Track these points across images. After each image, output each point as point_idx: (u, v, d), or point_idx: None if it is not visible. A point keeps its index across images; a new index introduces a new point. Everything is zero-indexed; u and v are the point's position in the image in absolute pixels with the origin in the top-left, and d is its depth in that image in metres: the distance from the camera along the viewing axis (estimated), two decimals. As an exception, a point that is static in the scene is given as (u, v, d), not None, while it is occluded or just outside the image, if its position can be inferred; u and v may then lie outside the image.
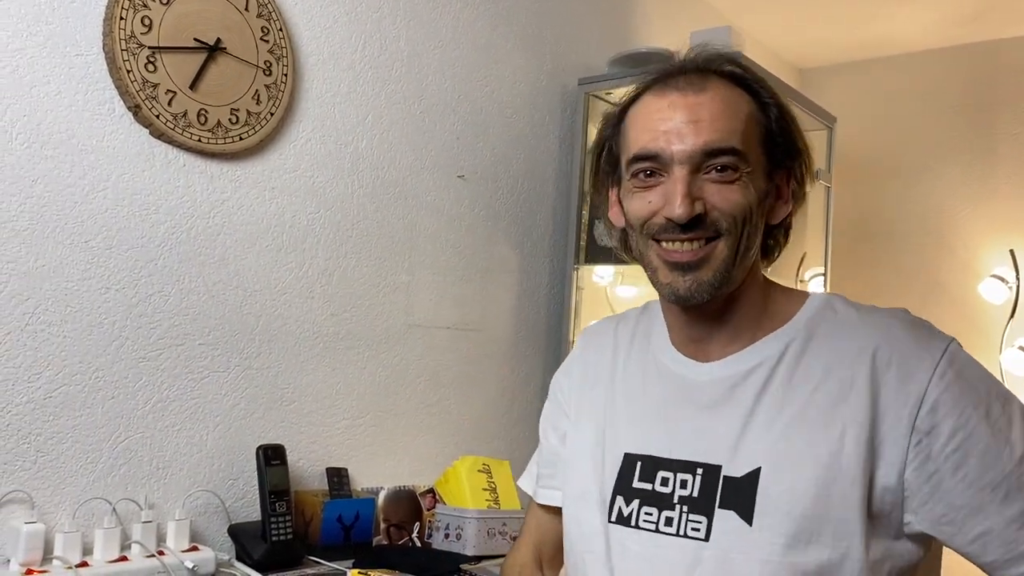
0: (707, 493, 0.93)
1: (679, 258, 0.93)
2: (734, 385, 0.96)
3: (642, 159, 0.94)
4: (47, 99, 1.47)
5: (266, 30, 1.75)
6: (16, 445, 1.43)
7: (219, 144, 1.68)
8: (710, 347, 1.00)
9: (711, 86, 0.94)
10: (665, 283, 0.96)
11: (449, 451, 2.13)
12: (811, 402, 0.92)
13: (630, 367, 1.07)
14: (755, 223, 0.95)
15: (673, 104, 0.93)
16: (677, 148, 0.92)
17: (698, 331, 1.00)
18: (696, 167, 0.92)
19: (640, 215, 0.96)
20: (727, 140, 0.91)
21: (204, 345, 1.68)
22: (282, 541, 1.62)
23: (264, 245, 1.78)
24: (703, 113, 0.92)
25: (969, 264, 3.20)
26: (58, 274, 1.48)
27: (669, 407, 1.00)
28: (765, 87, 0.97)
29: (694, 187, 0.92)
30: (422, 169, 2.09)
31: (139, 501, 1.56)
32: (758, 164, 0.94)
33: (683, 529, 0.94)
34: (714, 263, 0.93)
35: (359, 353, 1.96)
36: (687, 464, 0.96)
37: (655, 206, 0.94)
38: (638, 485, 0.99)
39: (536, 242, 2.41)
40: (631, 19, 2.74)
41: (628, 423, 1.03)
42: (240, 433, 1.73)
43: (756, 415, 0.93)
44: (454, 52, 2.17)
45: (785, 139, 0.97)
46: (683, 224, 0.91)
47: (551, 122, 2.45)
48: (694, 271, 0.93)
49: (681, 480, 0.95)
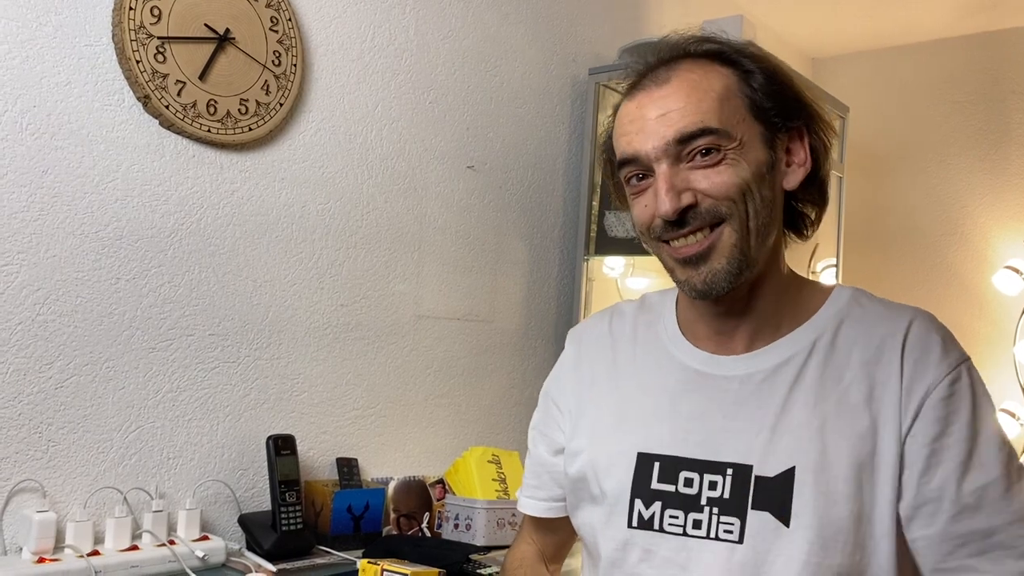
0: (739, 494, 0.89)
1: (686, 253, 0.91)
2: (762, 380, 0.93)
3: (625, 164, 0.94)
4: (57, 90, 1.47)
5: (275, 20, 1.74)
6: (28, 435, 1.44)
7: (228, 135, 1.68)
8: (733, 341, 0.96)
9: (676, 74, 0.92)
10: (682, 280, 0.93)
11: (459, 442, 2.13)
12: (844, 399, 0.89)
13: (636, 363, 1.03)
14: (760, 198, 0.90)
15: (640, 104, 0.93)
16: (650, 145, 0.90)
17: (723, 324, 0.96)
18: (675, 158, 0.90)
19: (641, 220, 0.94)
20: (699, 122, 0.89)
21: (214, 336, 1.68)
22: (292, 531, 1.62)
23: (274, 236, 1.78)
24: (669, 103, 0.90)
25: (983, 255, 3.17)
26: (68, 265, 1.49)
27: (685, 404, 0.96)
28: (748, 55, 0.94)
29: (677, 179, 0.90)
30: (431, 160, 2.09)
31: (150, 491, 1.57)
32: (751, 136, 0.91)
33: (714, 531, 0.90)
34: (723, 250, 0.90)
35: (369, 344, 1.96)
36: (714, 464, 0.91)
37: (651, 208, 0.92)
38: (658, 487, 0.94)
39: (546, 233, 2.41)
40: (642, 8, 2.72)
41: (638, 421, 0.98)
42: (250, 423, 1.74)
43: (787, 412, 0.90)
44: (464, 42, 2.16)
45: (779, 101, 0.93)
46: (675, 219, 0.89)
47: (561, 112, 2.44)
48: (705, 262, 0.90)
49: (710, 481, 0.91)
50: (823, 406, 0.89)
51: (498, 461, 1.91)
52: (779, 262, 0.97)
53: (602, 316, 1.12)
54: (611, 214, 2.36)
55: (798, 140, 0.95)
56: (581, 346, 1.10)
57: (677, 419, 0.95)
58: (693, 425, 0.94)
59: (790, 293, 0.97)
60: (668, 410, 0.96)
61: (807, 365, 0.92)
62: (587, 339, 1.10)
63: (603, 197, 2.39)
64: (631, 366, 1.03)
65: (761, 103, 0.92)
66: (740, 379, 0.94)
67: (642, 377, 1.01)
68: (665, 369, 0.99)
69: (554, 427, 1.09)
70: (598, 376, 1.05)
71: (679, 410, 0.96)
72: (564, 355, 1.13)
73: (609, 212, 2.36)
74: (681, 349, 1.00)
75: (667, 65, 0.94)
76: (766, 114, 0.92)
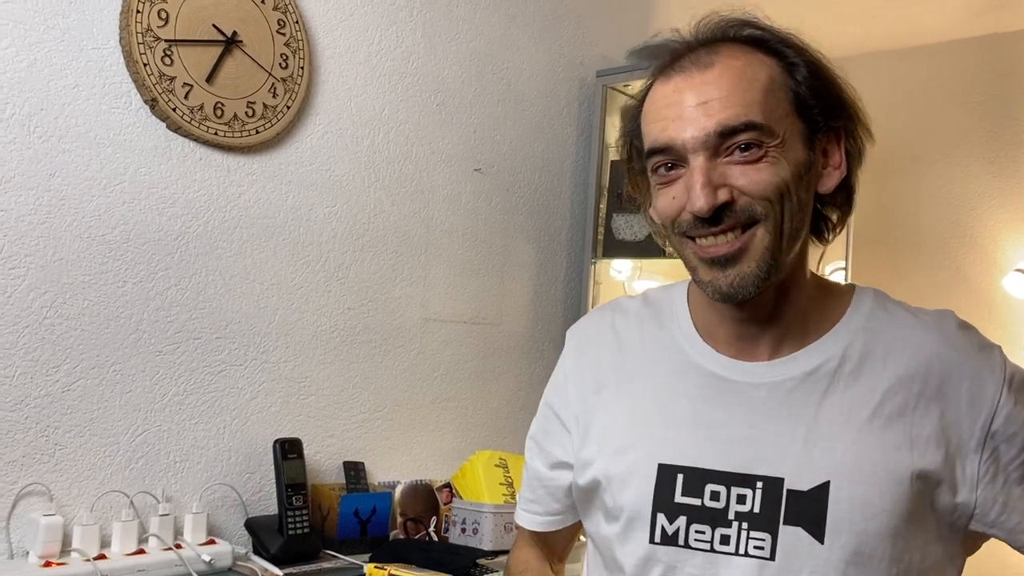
0: (769, 508, 0.85)
1: (715, 252, 0.85)
2: (792, 389, 0.88)
3: (656, 152, 0.87)
4: (64, 93, 1.47)
5: (282, 23, 1.74)
6: (35, 438, 1.44)
7: (236, 137, 1.68)
8: (757, 347, 0.91)
9: (720, 59, 0.85)
10: (707, 281, 0.87)
11: (466, 445, 2.12)
12: (879, 410, 0.85)
13: (649, 365, 0.96)
14: (797, 200, 0.85)
15: (678, 88, 0.85)
16: (688, 135, 0.83)
17: (745, 329, 0.91)
18: (714, 152, 0.83)
19: (667, 213, 0.87)
20: (743, 115, 0.82)
21: (221, 339, 1.68)
22: (299, 535, 1.61)
23: (281, 239, 1.77)
24: (712, 91, 0.83)
25: (993, 258, 3.15)
26: (75, 268, 1.48)
27: (709, 411, 0.90)
28: (791, 44, 0.88)
29: (715, 174, 0.83)
30: (439, 162, 2.08)
31: (156, 494, 1.56)
32: (792, 133, 0.85)
33: (744, 547, 0.85)
34: (755, 252, 0.84)
35: (376, 347, 1.95)
36: (742, 477, 0.86)
37: (680, 201, 0.85)
38: (682, 500, 0.88)
39: (553, 236, 2.40)
40: (650, 10, 2.72)
41: (656, 429, 0.92)
42: (257, 427, 1.73)
43: (820, 422, 0.86)
44: (471, 44, 2.16)
45: (822, 98, 0.87)
46: (709, 217, 0.83)
47: (569, 115, 2.43)
48: (734, 264, 0.84)
49: (738, 495, 0.86)
50: (858, 417, 0.86)
51: (505, 465, 1.91)
52: (805, 267, 0.93)
53: (601, 314, 1.05)
54: (619, 217, 2.35)
55: (835, 142, 0.89)
56: (582, 347, 1.04)
57: (700, 428, 0.90)
58: (718, 434, 0.89)
59: (815, 298, 0.92)
60: (689, 418, 0.91)
61: (839, 373, 0.88)
62: (588, 340, 1.04)
63: (610, 200, 2.38)
64: (643, 368, 0.96)
65: (805, 99, 0.86)
66: (768, 387, 0.89)
67: (658, 381, 0.94)
68: (684, 373, 0.93)
69: (552, 440, 1.04)
70: (605, 379, 0.98)
71: (702, 418, 0.90)
72: (563, 358, 1.06)
73: (617, 215, 2.36)
74: (701, 352, 0.93)
75: (708, 48, 0.87)
76: (809, 111, 0.87)
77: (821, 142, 0.88)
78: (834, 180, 0.90)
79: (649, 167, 0.89)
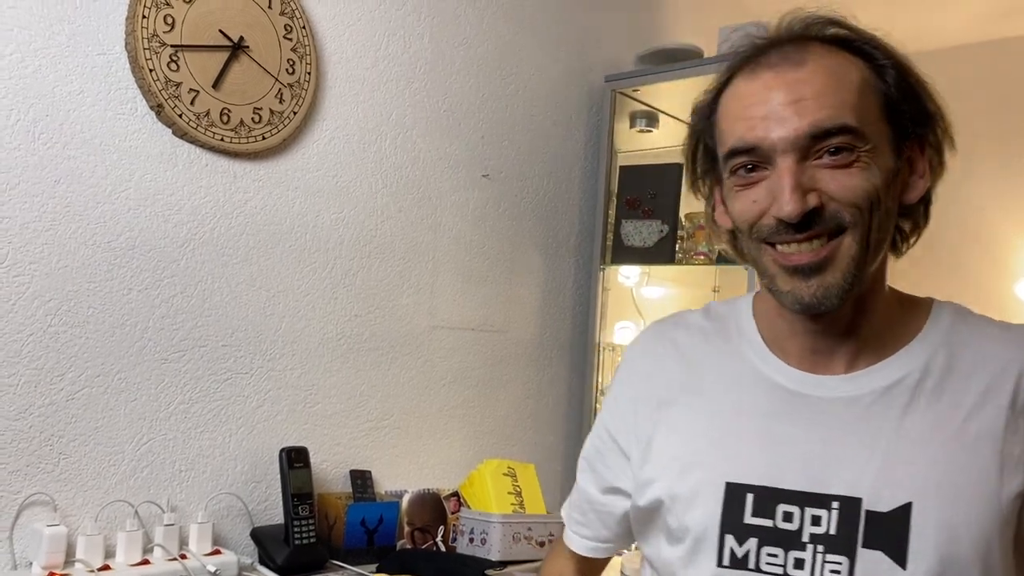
0: (847, 531, 0.80)
1: (798, 261, 0.80)
2: (871, 404, 0.83)
3: (740, 153, 0.82)
4: (69, 98, 1.46)
5: (289, 28, 1.73)
6: (38, 447, 1.42)
7: (242, 143, 1.66)
8: (832, 360, 0.86)
9: (811, 57, 0.81)
10: (786, 291, 0.82)
11: (473, 454, 2.11)
12: (965, 427, 0.81)
13: (715, 381, 0.91)
14: (885, 209, 0.81)
15: (768, 85, 0.80)
16: (778, 135, 0.79)
17: (820, 342, 0.86)
18: (804, 154, 0.79)
19: (746, 217, 0.83)
20: (837, 117, 0.78)
21: (227, 347, 1.66)
22: (305, 545, 1.60)
23: (287, 245, 1.76)
24: (805, 90, 0.79)
25: (1005, 263, 3.13)
26: (80, 275, 1.47)
27: (781, 428, 0.85)
28: (879, 46, 0.83)
29: (804, 177, 0.78)
30: (446, 168, 2.07)
31: (161, 504, 1.55)
32: (881, 139, 0.81)
33: (819, 572, 0.80)
34: (841, 262, 0.80)
35: (383, 355, 1.94)
36: (817, 496, 0.82)
37: (762, 205, 0.81)
38: (752, 521, 0.83)
39: (561, 242, 2.38)
40: (659, 14, 2.70)
41: (724, 447, 0.87)
42: (263, 435, 1.72)
43: (901, 439, 0.81)
44: (478, 49, 2.14)
45: (911, 104, 0.83)
46: (797, 223, 0.78)
47: (577, 120, 2.42)
48: (818, 274, 0.80)
49: (813, 516, 0.81)
50: (942, 434, 0.81)
51: (513, 474, 1.89)
52: (884, 279, 0.89)
53: (661, 329, 1.00)
54: (628, 223, 2.33)
55: (919, 150, 0.85)
56: (642, 363, 0.99)
57: (771, 444, 0.85)
58: (791, 452, 0.84)
59: (892, 310, 0.88)
60: (760, 434, 0.86)
61: (920, 388, 0.83)
62: (649, 355, 0.98)
63: (619, 205, 2.37)
64: (710, 384, 0.92)
65: (895, 103, 0.82)
66: (844, 402, 0.84)
67: (726, 397, 0.90)
68: (754, 388, 0.89)
69: (607, 464, 0.99)
70: (668, 395, 0.94)
71: (773, 434, 0.85)
72: (621, 375, 1.01)
73: (626, 220, 2.34)
74: (772, 366, 0.89)
75: (796, 44, 0.82)
76: (899, 117, 0.82)
77: (907, 149, 0.84)
78: (919, 190, 0.86)
79: (727, 168, 0.85)
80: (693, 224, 2.28)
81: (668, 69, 2.31)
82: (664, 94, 2.42)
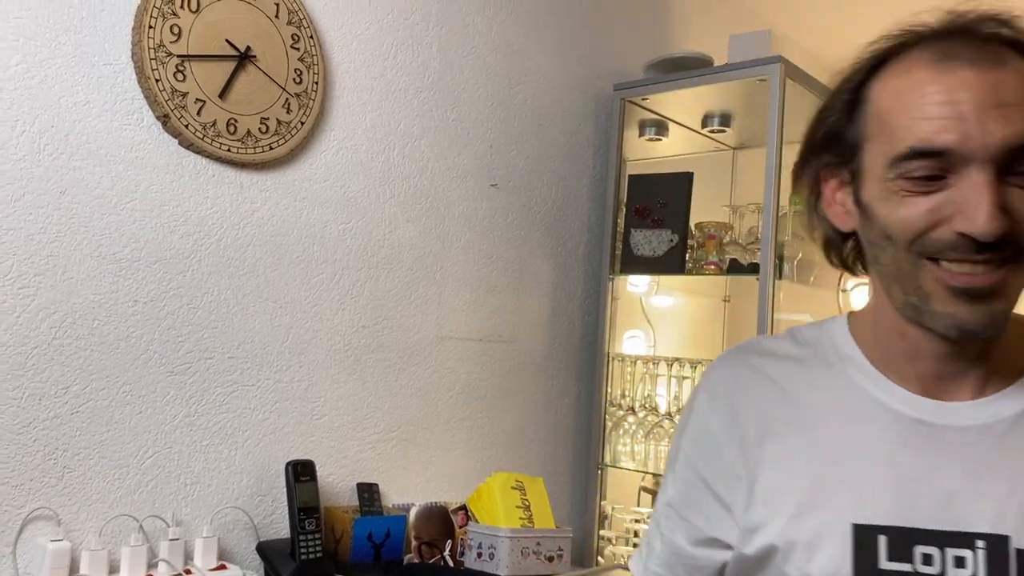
0: (998, 572, 0.73)
1: (970, 283, 0.72)
2: (1005, 431, 0.77)
3: (923, 156, 0.71)
4: (75, 109, 1.45)
5: (296, 37, 1.72)
6: (42, 461, 1.41)
7: (249, 154, 1.65)
8: (959, 386, 0.79)
9: (1007, 57, 0.71)
10: (944, 312, 0.74)
11: (481, 466, 2.09)
12: None
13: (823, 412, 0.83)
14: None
15: (965, 83, 0.71)
16: (978, 143, 0.69)
17: (950, 366, 0.79)
18: (1001, 168, 0.70)
19: (914, 227, 0.73)
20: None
21: (233, 359, 1.65)
22: (311, 559, 1.58)
23: (294, 257, 1.75)
24: (1008, 94, 0.70)
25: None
26: (86, 287, 1.46)
27: (908, 461, 0.78)
28: None
29: (999, 195, 0.70)
30: (454, 178, 2.06)
31: (166, 518, 1.53)
32: None
33: None
34: (1011, 290, 0.73)
35: (390, 366, 1.92)
36: (960, 536, 0.74)
37: (938, 216, 0.72)
38: (889, 566, 0.75)
39: (570, 251, 2.36)
40: (667, 23, 2.69)
41: (845, 484, 0.79)
42: (269, 448, 1.70)
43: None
44: (487, 59, 2.13)
45: None
46: (988, 243, 0.70)
47: (586, 129, 2.40)
48: (986, 300, 0.72)
49: (955, 557, 0.74)
50: None
51: (522, 487, 1.87)
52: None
53: (744, 358, 0.91)
54: (637, 232, 2.31)
55: None
56: (729, 397, 0.89)
57: (900, 480, 0.77)
58: (922, 487, 0.76)
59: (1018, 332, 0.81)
60: (885, 469, 0.78)
61: None
62: (738, 387, 0.89)
63: (628, 215, 2.35)
64: (816, 415, 0.83)
65: None
66: (976, 430, 0.77)
67: (838, 428, 0.82)
68: (871, 418, 0.80)
69: (701, 513, 0.88)
70: (769, 430, 0.84)
71: (901, 469, 0.77)
72: (703, 410, 0.91)
73: (635, 230, 2.32)
74: (889, 393, 0.81)
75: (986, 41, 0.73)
76: None
77: None
78: None
79: (895, 170, 0.74)
80: (703, 233, 2.26)
81: (677, 78, 2.30)
82: (673, 103, 2.40)
